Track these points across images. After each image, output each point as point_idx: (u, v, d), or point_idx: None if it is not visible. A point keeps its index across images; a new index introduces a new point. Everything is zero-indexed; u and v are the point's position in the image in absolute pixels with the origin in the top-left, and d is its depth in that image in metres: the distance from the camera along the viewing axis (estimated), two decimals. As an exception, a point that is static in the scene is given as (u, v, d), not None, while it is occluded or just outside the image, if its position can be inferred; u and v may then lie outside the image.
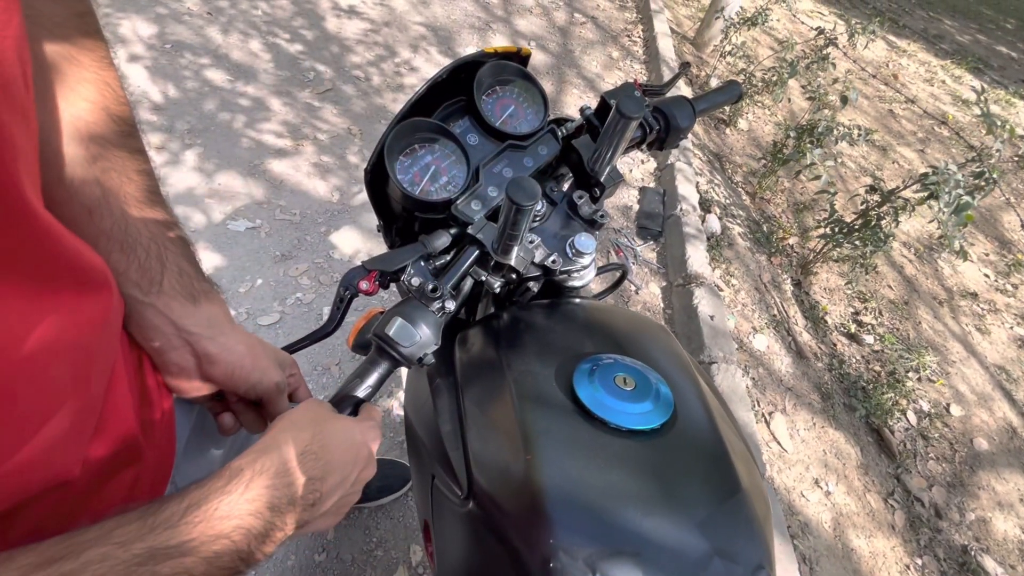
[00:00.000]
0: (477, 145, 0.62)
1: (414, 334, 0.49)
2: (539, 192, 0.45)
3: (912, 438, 1.75)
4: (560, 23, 3.34)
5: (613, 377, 0.45)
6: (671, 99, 0.71)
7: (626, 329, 0.58)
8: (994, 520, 1.62)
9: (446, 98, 0.63)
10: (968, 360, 2.13)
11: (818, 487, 1.49)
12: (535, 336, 0.55)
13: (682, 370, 0.52)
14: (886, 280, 2.36)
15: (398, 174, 0.58)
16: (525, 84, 0.66)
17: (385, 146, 0.57)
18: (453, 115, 0.64)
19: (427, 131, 0.59)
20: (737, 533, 0.39)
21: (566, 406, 0.44)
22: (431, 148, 0.61)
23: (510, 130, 0.63)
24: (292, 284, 1.65)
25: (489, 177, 0.61)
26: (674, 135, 0.70)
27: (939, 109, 3.82)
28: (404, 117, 0.59)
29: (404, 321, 0.49)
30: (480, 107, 0.61)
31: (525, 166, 0.63)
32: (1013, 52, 5.55)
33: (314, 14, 2.83)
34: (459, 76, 0.61)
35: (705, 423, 0.46)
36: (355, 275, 0.53)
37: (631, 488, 0.39)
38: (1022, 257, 2.75)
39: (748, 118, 3.08)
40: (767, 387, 1.68)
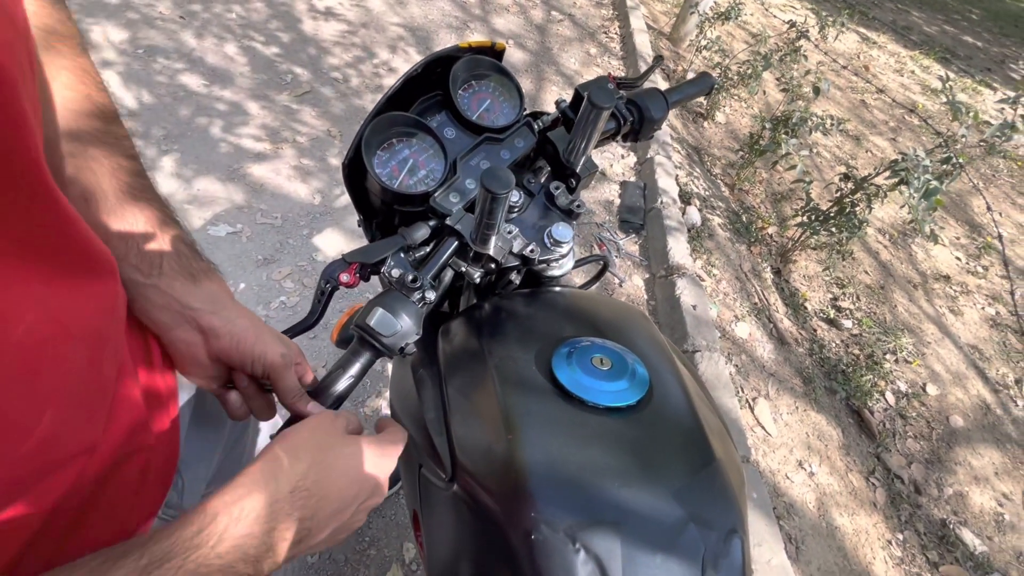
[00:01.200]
0: (454, 139, 0.63)
1: (395, 324, 0.50)
2: (513, 181, 0.46)
3: (891, 418, 1.80)
4: (537, 21, 3.36)
5: (590, 358, 0.47)
6: (645, 91, 0.72)
7: (604, 314, 0.59)
8: (971, 494, 1.67)
9: (422, 93, 0.64)
10: (943, 341, 2.19)
11: (802, 469, 1.53)
12: (515, 323, 0.56)
13: (658, 351, 0.53)
14: (863, 266, 2.42)
15: (376, 168, 0.58)
16: (500, 78, 0.67)
17: (363, 140, 0.57)
18: (430, 109, 0.64)
19: (404, 125, 0.60)
20: (711, 501, 0.41)
21: (545, 388, 0.46)
22: (408, 142, 0.61)
23: (487, 123, 0.64)
24: (275, 288, 1.64)
25: (466, 170, 0.62)
26: (648, 126, 0.71)
27: (909, 98, 3.92)
28: (380, 111, 0.59)
29: (385, 311, 0.50)
30: (456, 101, 0.62)
31: (502, 158, 0.64)
32: (978, 42, 5.71)
33: (290, 16, 2.81)
34: (434, 71, 0.62)
35: (680, 399, 0.47)
36: (336, 268, 0.53)
37: (609, 462, 0.41)
38: (991, 239, 2.83)
39: (725, 111, 3.13)
40: (750, 373, 1.72)
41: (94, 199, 0.39)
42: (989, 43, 5.77)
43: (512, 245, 0.60)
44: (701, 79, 0.79)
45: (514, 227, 0.61)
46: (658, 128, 0.72)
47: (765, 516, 1.28)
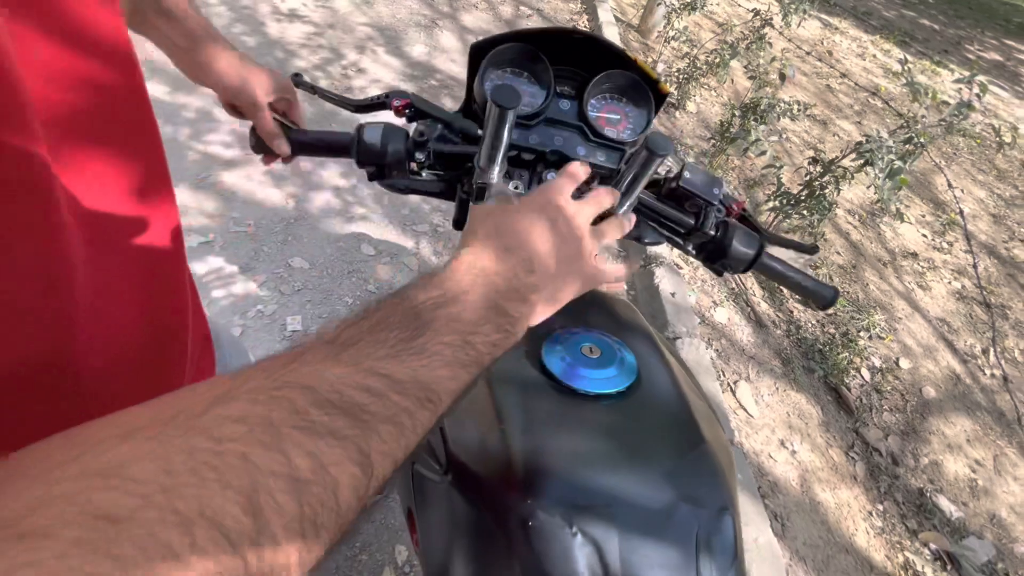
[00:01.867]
0: (566, 109, 0.66)
1: (376, 137, 0.60)
2: (520, 99, 0.48)
3: (867, 393, 1.85)
4: (507, 17, 3.35)
5: (580, 347, 0.47)
6: (743, 228, 0.67)
7: (592, 305, 0.60)
8: (945, 462, 1.73)
9: (568, 53, 0.66)
10: (913, 315, 2.26)
11: (784, 447, 1.56)
12: None
13: (644, 338, 0.54)
14: (834, 247, 2.48)
15: (491, 77, 0.65)
16: (645, 111, 0.68)
17: (498, 48, 0.63)
18: (566, 78, 0.68)
19: (541, 70, 0.64)
20: (701, 481, 0.42)
21: (537, 378, 0.46)
22: (531, 82, 0.66)
23: (598, 127, 0.66)
24: (251, 297, 1.61)
25: (543, 131, 0.65)
26: (725, 254, 0.65)
27: (872, 82, 4.02)
28: (533, 38, 0.63)
29: (383, 128, 0.60)
30: (586, 105, 0.64)
31: (578, 152, 0.66)
32: (935, 25, 5.89)
33: (253, 19, 2.75)
34: (593, 51, 0.65)
35: (667, 384, 0.48)
36: (399, 93, 0.64)
37: (601, 447, 0.41)
38: (954, 216, 2.93)
39: (696, 100, 3.17)
40: (731, 357, 1.75)
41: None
42: (945, 26, 5.96)
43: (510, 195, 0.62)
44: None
45: (521, 184, 0.64)
46: (740, 270, 0.66)
47: (751, 496, 1.31)
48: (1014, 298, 2.55)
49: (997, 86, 4.80)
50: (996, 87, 4.75)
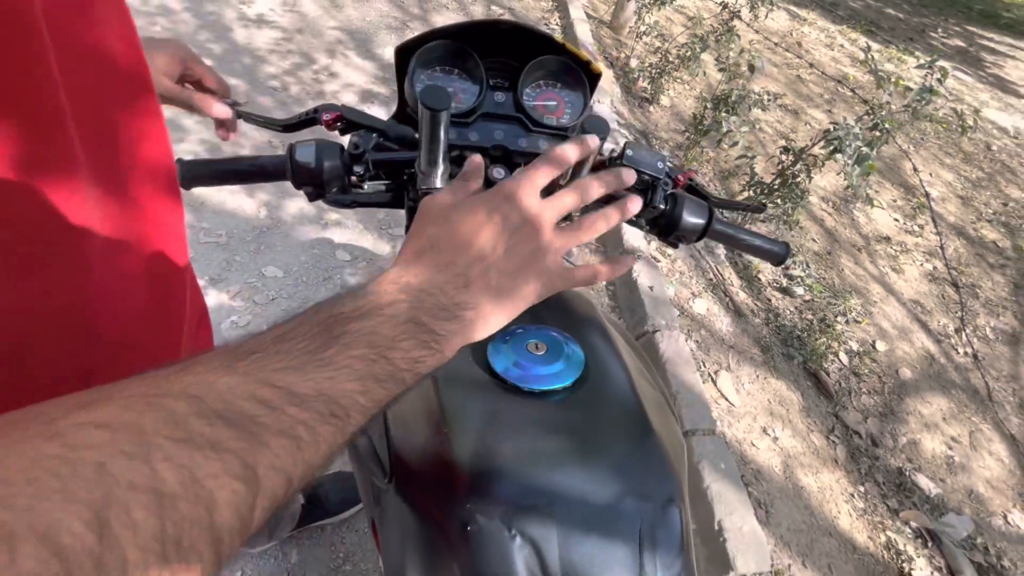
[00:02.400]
0: (501, 101, 0.66)
1: (309, 156, 0.57)
2: (451, 99, 0.47)
3: (845, 377, 1.88)
4: (477, 16, 3.34)
5: (525, 344, 0.46)
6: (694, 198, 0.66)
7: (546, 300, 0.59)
8: (923, 441, 1.77)
9: (497, 45, 0.66)
10: (887, 298, 2.31)
11: (766, 435, 1.58)
12: None
13: (596, 330, 0.53)
14: (809, 234, 2.52)
15: (421, 78, 0.65)
16: (580, 94, 0.68)
17: (424, 43, 0.63)
18: (498, 70, 0.67)
19: (472, 66, 0.64)
20: (648, 473, 0.41)
21: (481, 378, 0.45)
22: (463, 79, 0.65)
23: (535, 115, 0.66)
24: (225, 308, 1.58)
25: (481, 126, 0.65)
26: (677, 226, 0.64)
27: (840, 71, 4.09)
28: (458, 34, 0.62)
29: (315, 147, 0.57)
30: (521, 95, 0.64)
31: (519, 143, 0.66)
32: (899, 13, 6.02)
33: (220, 26, 2.70)
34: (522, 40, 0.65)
35: (617, 376, 0.48)
36: (328, 107, 0.62)
37: (545, 446, 0.41)
38: (923, 200, 3.00)
39: (669, 94, 3.19)
40: (710, 347, 1.76)
41: None
42: (909, 14, 6.09)
43: None
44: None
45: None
46: (693, 240, 0.66)
47: (734, 485, 1.32)
48: (983, 277, 2.62)
49: (961, 71, 4.92)
50: (960, 72, 4.88)
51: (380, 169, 0.64)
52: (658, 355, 1.57)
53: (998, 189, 3.34)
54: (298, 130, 0.67)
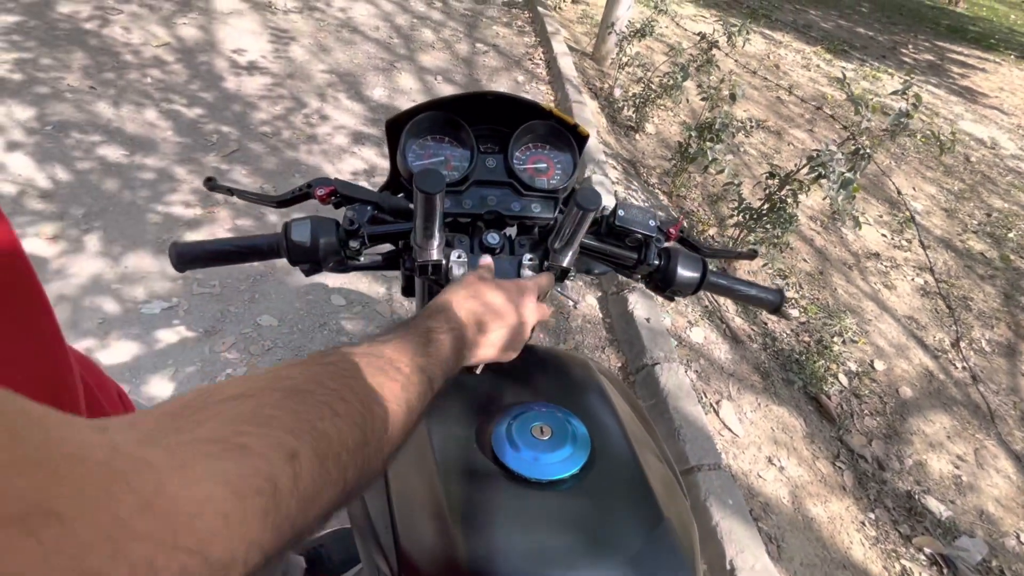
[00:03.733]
0: (493, 168, 0.68)
1: (305, 234, 0.59)
2: (442, 187, 0.49)
3: (846, 399, 1.88)
4: (463, 54, 3.42)
5: (530, 428, 0.46)
6: (686, 251, 0.68)
7: (544, 370, 0.59)
8: (929, 461, 1.75)
9: (485, 113, 0.68)
10: (882, 316, 2.32)
11: (772, 464, 1.56)
12: (455, 393, 0.55)
13: (599, 401, 0.53)
14: (800, 254, 2.54)
15: (413, 148, 0.67)
16: (568, 156, 0.70)
17: (413, 118, 0.65)
18: (488, 136, 0.70)
19: (462, 134, 0.67)
20: (662, 562, 0.40)
21: (488, 468, 0.45)
22: (454, 147, 0.68)
23: (524, 177, 0.68)
24: (220, 361, 1.57)
25: (474, 192, 0.67)
26: (674, 281, 0.66)
27: (818, 91, 4.20)
28: (447, 105, 0.65)
29: (310, 224, 0.59)
30: (511, 159, 0.67)
31: (512, 208, 0.67)
32: (871, 32, 6.22)
33: (211, 75, 2.75)
34: (508, 108, 0.68)
35: (624, 457, 0.47)
36: (322, 181, 0.63)
37: (556, 543, 0.40)
38: (910, 214, 3.05)
39: (654, 122, 3.26)
40: (710, 377, 1.76)
41: None
42: (880, 32, 6.30)
43: (452, 270, 0.61)
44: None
45: (464, 253, 0.62)
46: (689, 293, 0.68)
47: (743, 521, 1.30)
48: (974, 289, 2.64)
49: (933, 85, 5.07)
50: (932, 87, 5.02)
51: (376, 242, 0.64)
52: (659, 388, 1.57)
53: (981, 200, 3.40)
54: (292, 205, 0.68)
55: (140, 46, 2.81)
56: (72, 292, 1.66)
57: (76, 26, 2.83)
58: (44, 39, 2.68)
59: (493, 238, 0.65)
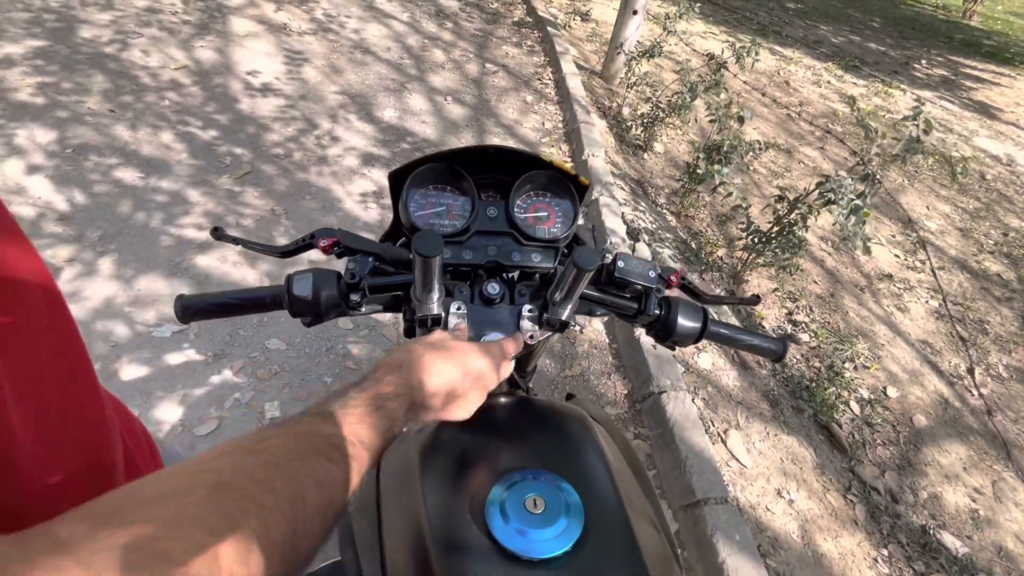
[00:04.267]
0: (494, 218, 0.69)
1: (307, 289, 0.59)
2: (439, 250, 0.50)
3: (858, 428, 1.84)
4: (473, 75, 3.46)
5: (523, 501, 0.46)
6: (686, 300, 0.68)
7: (540, 426, 0.59)
8: (944, 494, 1.71)
9: (487, 163, 0.70)
10: (895, 340, 2.28)
11: (781, 497, 1.54)
12: (449, 449, 0.56)
13: (595, 462, 0.53)
14: (811, 276, 2.52)
15: (415, 198, 0.68)
16: (569, 205, 0.71)
17: (415, 170, 0.66)
18: (490, 184, 0.71)
19: (464, 184, 0.67)
20: None
21: (481, 543, 0.45)
22: (456, 195, 0.69)
23: (524, 227, 0.68)
24: (228, 385, 1.58)
25: (475, 242, 0.68)
26: (674, 331, 0.66)
27: (829, 108, 4.18)
28: (446, 159, 0.66)
29: (312, 278, 0.59)
30: (512, 207, 0.68)
31: (512, 258, 0.67)
32: (882, 47, 6.19)
33: (226, 97, 2.81)
34: (508, 159, 0.69)
35: (618, 526, 0.47)
36: (325, 232, 0.64)
37: None
38: (924, 234, 3.00)
39: (663, 140, 3.27)
40: (718, 405, 1.74)
41: None
42: (892, 47, 6.27)
43: (448, 322, 0.61)
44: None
45: (463, 305, 0.63)
46: (690, 343, 0.67)
47: (751, 558, 1.28)
48: (991, 312, 2.59)
49: (947, 100, 5.02)
50: (946, 102, 4.97)
51: (377, 292, 0.65)
52: (665, 418, 1.55)
53: (997, 219, 3.34)
54: (295, 255, 0.69)
55: (158, 69, 2.89)
56: (85, 315, 1.69)
57: (97, 50, 2.91)
58: (66, 63, 2.77)
59: (493, 288, 0.66)
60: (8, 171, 2.13)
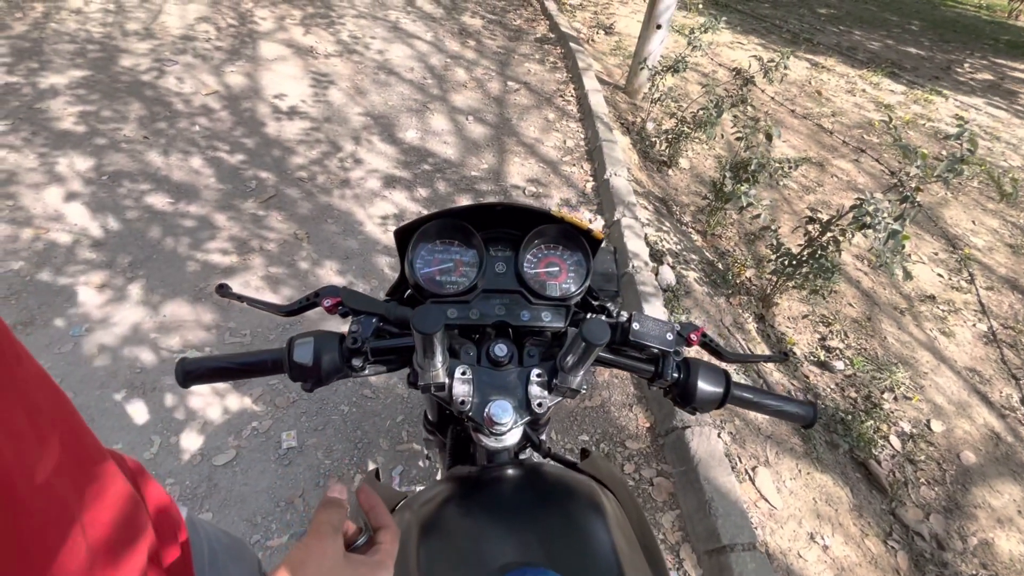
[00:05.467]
0: (502, 273, 0.67)
1: (308, 356, 0.58)
2: (442, 323, 0.48)
3: (899, 465, 1.73)
4: (495, 93, 3.47)
5: None
6: (710, 364, 0.65)
7: (546, 511, 0.55)
8: (997, 540, 1.58)
9: (497, 221, 0.68)
10: (939, 368, 2.14)
11: (814, 542, 1.45)
12: (450, 539, 0.52)
13: (600, 556, 0.49)
14: (846, 298, 2.40)
15: (422, 253, 0.67)
16: (581, 260, 0.68)
17: (421, 227, 0.64)
18: (499, 238, 0.69)
19: (471, 240, 0.66)
20: None
21: None
22: (464, 252, 0.67)
23: (534, 285, 0.66)
24: (247, 413, 1.59)
25: (482, 301, 0.66)
26: (695, 397, 0.62)
27: (864, 117, 4.02)
28: (455, 215, 0.65)
29: (313, 343, 0.58)
30: (522, 262, 0.66)
31: (521, 318, 0.65)
32: (922, 51, 5.94)
33: (254, 121, 2.89)
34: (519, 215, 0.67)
35: None
36: (330, 291, 0.64)
37: None
38: (969, 251, 2.83)
39: (688, 156, 3.19)
40: (746, 440, 1.66)
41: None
42: (932, 51, 6.01)
43: (453, 391, 0.58)
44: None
45: (468, 370, 0.60)
46: (712, 408, 0.63)
47: (781, 612, 1.20)
48: (1047, 336, 2.41)
49: (993, 106, 4.77)
50: (992, 107, 4.72)
51: (380, 355, 0.63)
52: (689, 455, 1.48)
53: (1051, 234, 3.13)
54: (300, 314, 0.68)
55: (191, 95, 2.99)
56: (113, 341, 1.74)
57: (135, 78, 3.04)
58: (106, 91, 2.89)
59: (501, 349, 0.63)
60: (48, 199, 2.22)
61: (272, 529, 1.37)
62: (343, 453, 1.54)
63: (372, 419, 1.63)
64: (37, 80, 2.88)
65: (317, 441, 1.56)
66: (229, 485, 1.44)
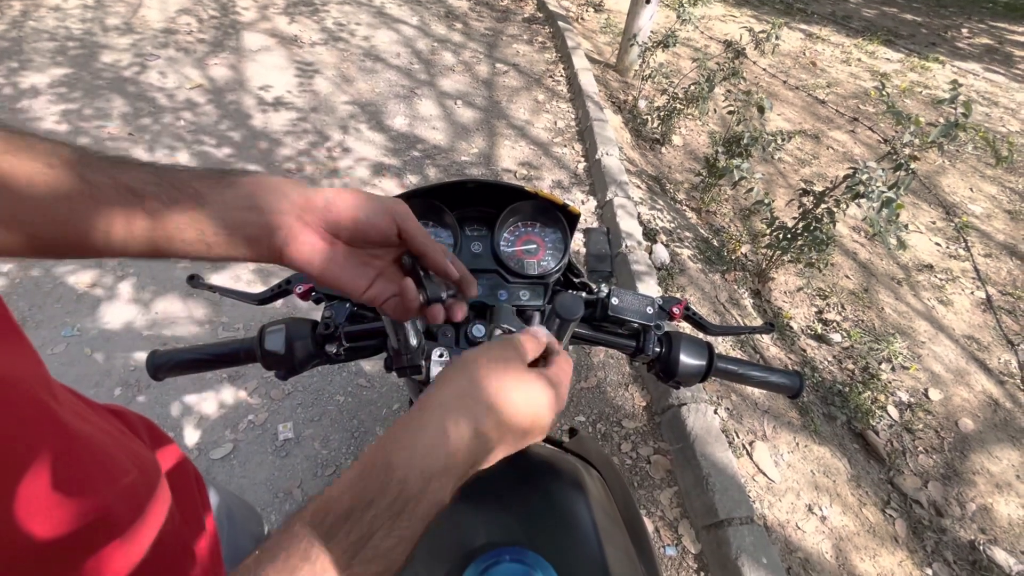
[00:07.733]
0: (479, 253, 0.66)
1: (280, 344, 0.57)
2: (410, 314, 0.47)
3: (897, 434, 1.73)
4: (483, 76, 3.41)
5: None
6: (691, 336, 0.64)
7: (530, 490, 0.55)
8: (995, 505, 1.59)
9: (473, 200, 0.67)
10: (937, 337, 2.14)
11: (812, 513, 1.45)
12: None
13: (583, 536, 0.49)
14: (842, 270, 2.38)
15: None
16: (560, 234, 0.67)
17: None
18: (475, 217, 0.68)
19: (446, 218, 0.65)
20: None
21: None
22: (438, 232, 0.66)
23: (511, 263, 0.64)
24: (242, 406, 1.59)
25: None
26: (677, 371, 0.62)
27: (860, 87, 3.96)
28: (427, 194, 0.63)
29: (285, 332, 0.58)
30: (498, 241, 0.65)
31: (499, 298, 0.64)
32: (918, 17, 5.83)
33: (240, 113, 2.85)
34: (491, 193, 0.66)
35: None
36: (300, 278, 0.64)
37: None
38: (967, 219, 2.81)
39: (681, 132, 3.15)
40: (743, 415, 1.66)
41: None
42: (929, 17, 5.90)
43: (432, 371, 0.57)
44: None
45: (447, 354, 0.58)
46: (696, 382, 0.63)
47: (779, 583, 1.21)
48: (1045, 302, 2.40)
49: (991, 71, 4.69)
50: (991, 72, 4.65)
51: (355, 341, 0.62)
52: (686, 432, 1.48)
53: (1050, 199, 3.10)
54: (272, 302, 0.67)
55: (174, 90, 2.94)
56: (106, 340, 1.73)
57: (117, 74, 2.99)
58: (88, 89, 2.85)
59: (479, 330, 0.62)
60: (34, 199, 2.20)
61: (272, 520, 1.38)
62: (340, 443, 1.54)
63: (368, 408, 1.63)
64: (17, 80, 2.84)
65: (314, 432, 1.56)
66: (227, 478, 1.44)
